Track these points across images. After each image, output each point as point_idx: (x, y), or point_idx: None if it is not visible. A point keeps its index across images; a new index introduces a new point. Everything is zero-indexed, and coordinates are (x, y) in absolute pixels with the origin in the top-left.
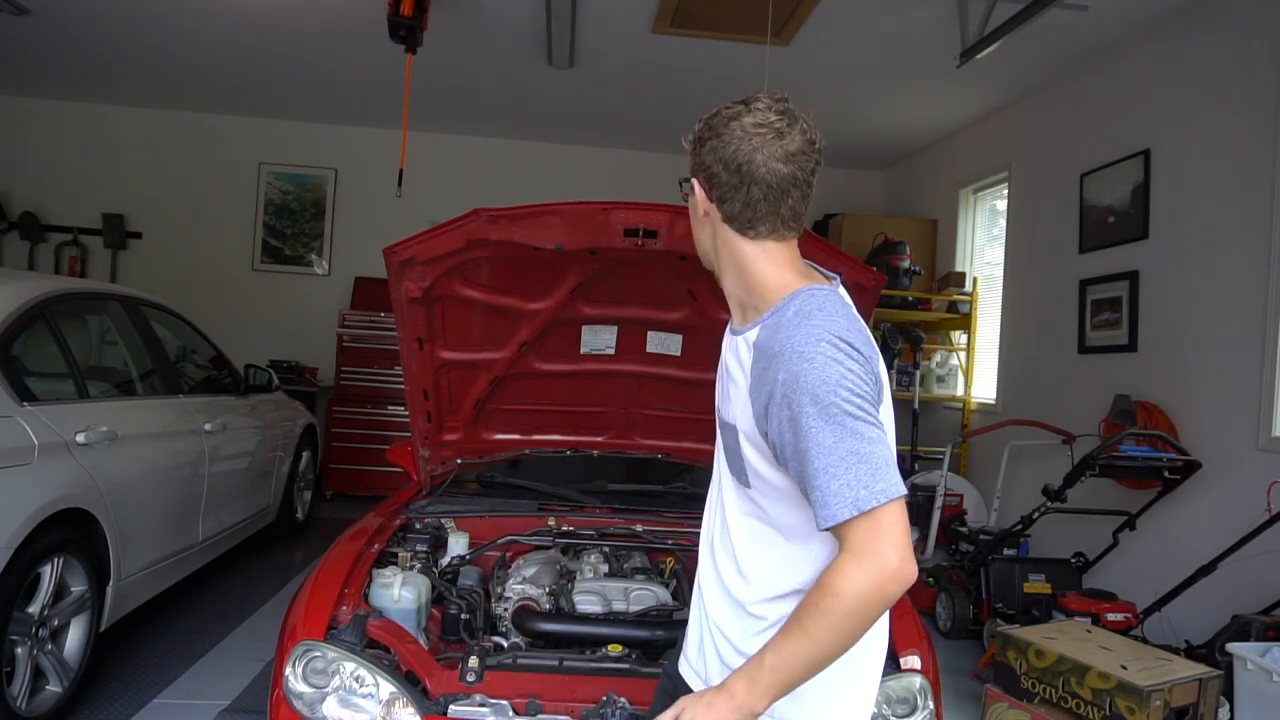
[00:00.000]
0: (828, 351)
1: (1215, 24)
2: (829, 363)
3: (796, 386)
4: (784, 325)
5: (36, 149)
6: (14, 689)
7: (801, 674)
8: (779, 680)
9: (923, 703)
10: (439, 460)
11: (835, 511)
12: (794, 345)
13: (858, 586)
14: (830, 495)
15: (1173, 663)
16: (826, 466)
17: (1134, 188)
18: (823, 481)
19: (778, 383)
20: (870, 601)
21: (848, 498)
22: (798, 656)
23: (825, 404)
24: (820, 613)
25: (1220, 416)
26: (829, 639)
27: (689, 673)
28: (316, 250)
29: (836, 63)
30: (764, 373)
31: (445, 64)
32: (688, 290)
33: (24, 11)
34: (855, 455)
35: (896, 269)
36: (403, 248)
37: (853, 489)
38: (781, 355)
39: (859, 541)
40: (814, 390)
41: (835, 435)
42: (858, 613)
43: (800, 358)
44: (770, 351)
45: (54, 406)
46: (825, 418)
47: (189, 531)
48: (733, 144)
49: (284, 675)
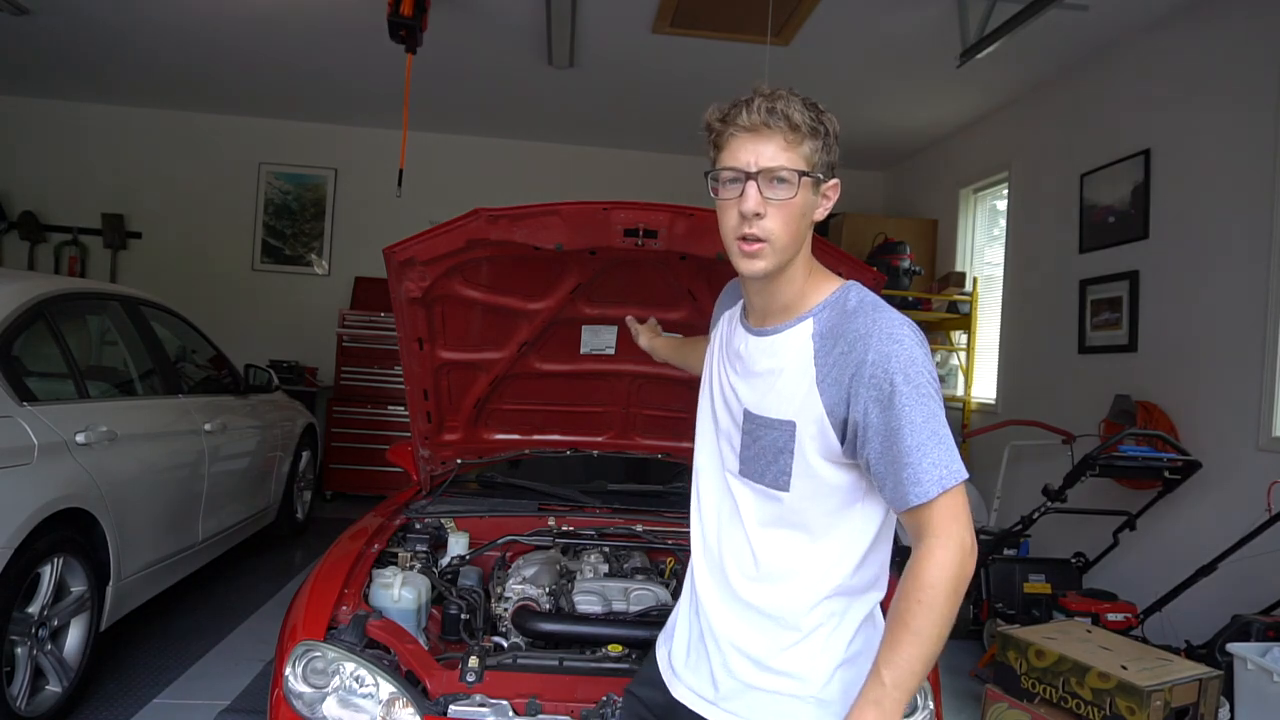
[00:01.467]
0: (911, 335)
1: (1215, 24)
2: (914, 346)
3: (889, 366)
4: (855, 313)
5: (36, 149)
6: (14, 689)
7: (921, 678)
8: (905, 691)
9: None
10: (439, 460)
11: (927, 489)
12: (880, 328)
13: (949, 570)
14: (922, 472)
15: (1173, 663)
16: (919, 444)
17: (1134, 188)
18: (915, 459)
19: (866, 363)
20: (960, 580)
21: (935, 476)
22: (917, 659)
23: (916, 383)
24: (925, 609)
25: (1220, 416)
26: (938, 630)
27: (688, 695)
28: (316, 250)
29: (836, 63)
30: (844, 356)
31: (445, 64)
32: (688, 290)
33: (24, 11)
34: (938, 436)
35: (896, 269)
36: (403, 248)
37: (938, 467)
38: (869, 337)
39: (939, 523)
40: (906, 370)
41: (924, 415)
42: (955, 595)
43: (890, 339)
44: (851, 334)
45: (54, 406)
46: (916, 397)
47: (189, 531)
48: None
49: (284, 675)
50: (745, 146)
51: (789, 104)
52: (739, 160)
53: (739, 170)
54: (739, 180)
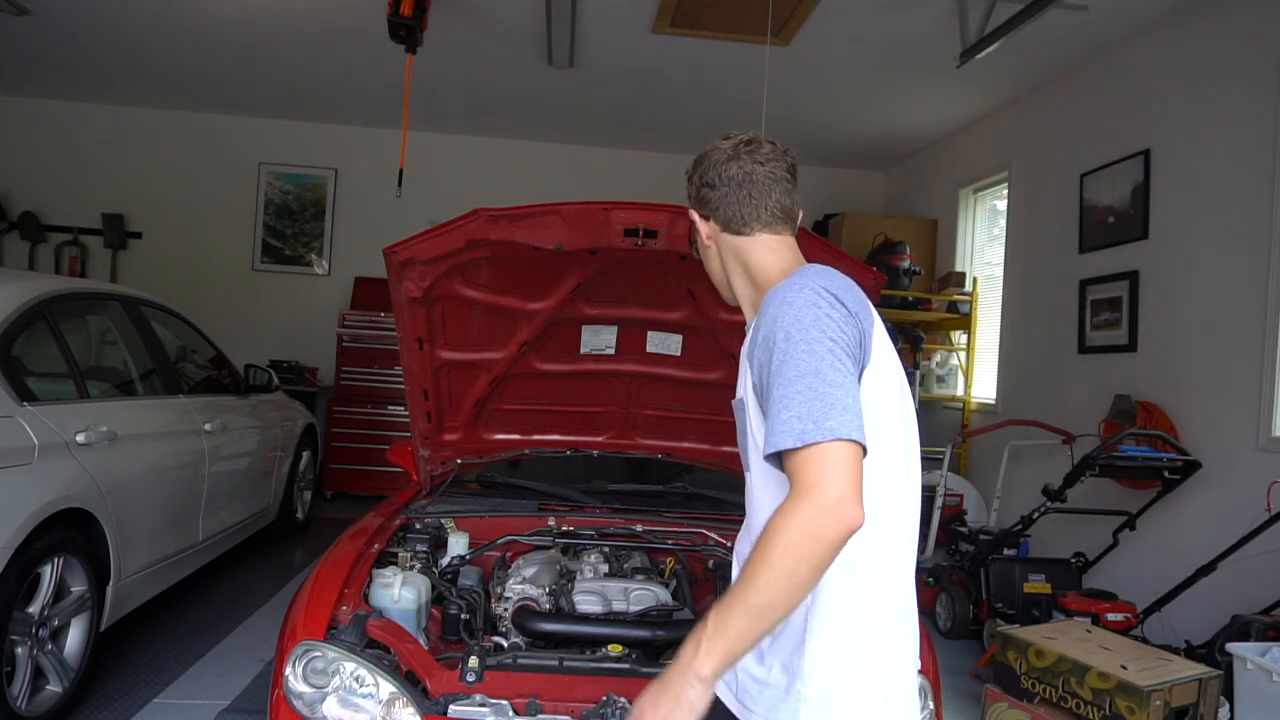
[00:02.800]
0: (808, 298)
1: (1215, 24)
2: (807, 306)
3: (775, 327)
4: (778, 286)
5: (36, 149)
6: (14, 689)
7: (747, 630)
8: (732, 636)
9: (923, 703)
10: (439, 460)
11: (779, 439)
12: (780, 294)
13: (797, 528)
14: (779, 424)
15: (1173, 663)
16: (782, 397)
17: (1134, 188)
18: (775, 410)
19: (760, 327)
20: (808, 539)
21: (795, 429)
22: (748, 608)
23: (795, 340)
24: (762, 558)
25: (1220, 416)
26: (770, 584)
27: (719, 686)
28: (316, 250)
29: (837, 63)
30: (756, 327)
31: (445, 64)
32: (688, 290)
33: (24, 11)
34: (812, 391)
35: (896, 269)
36: (403, 248)
37: (801, 421)
38: (768, 304)
39: (799, 477)
40: (788, 329)
41: (798, 369)
42: (796, 552)
43: (783, 302)
44: (762, 307)
45: (54, 406)
46: (792, 353)
47: (189, 531)
48: (714, 164)
49: (284, 675)
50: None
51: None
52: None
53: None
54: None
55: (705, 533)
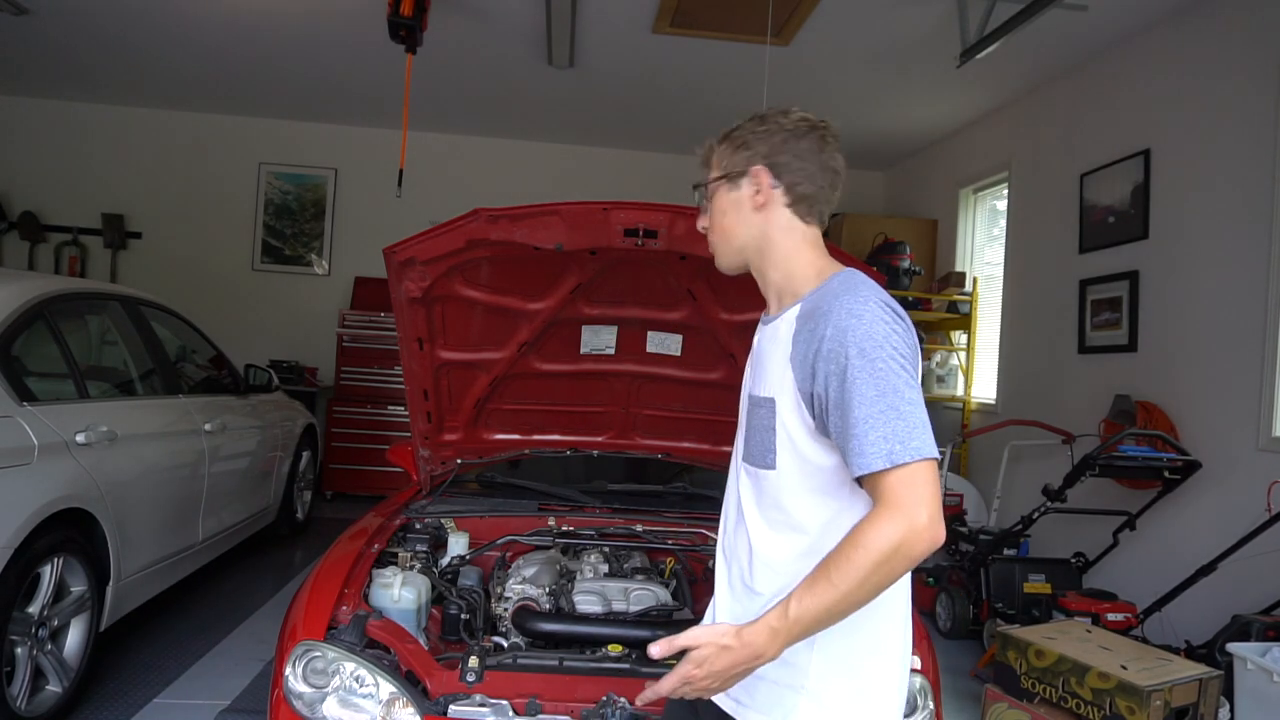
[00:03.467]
0: (875, 312)
1: (1215, 24)
2: (876, 321)
3: (845, 340)
4: (831, 292)
5: (36, 149)
6: (14, 689)
7: (822, 624)
8: (800, 630)
9: (923, 703)
10: (439, 460)
11: (870, 461)
12: (843, 304)
13: (888, 539)
14: (867, 445)
15: (1173, 663)
16: (866, 417)
17: (1134, 188)
18: (861, 431)
19: (825, 338)
20: (897, 556)
21: (883, 449)
22: (822, 607)
23: (871, 357)
24: (849, 565)
25: (1220, 416)
26: (855, 592)
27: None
28: (316, 250)
29: (836, 63)
30: (810, 333)
31: (445, 64)
32: (688, 290)
33: (23, 11)
34: (894, 410)
35: (896, 269)
36: (403, 248)
37: (889, 441)
38: (830, 314)
39: (890, 496)
40: (861, 344)
41: (878, 389)
42: (885, 567)
43: (849, 314)
44: (817, 313)
45: (54, 406)
46: (870, 371)
47: (189, 531)
48: (799, 134)
49: (284, 675)
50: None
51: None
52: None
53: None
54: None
55: (705, 533)
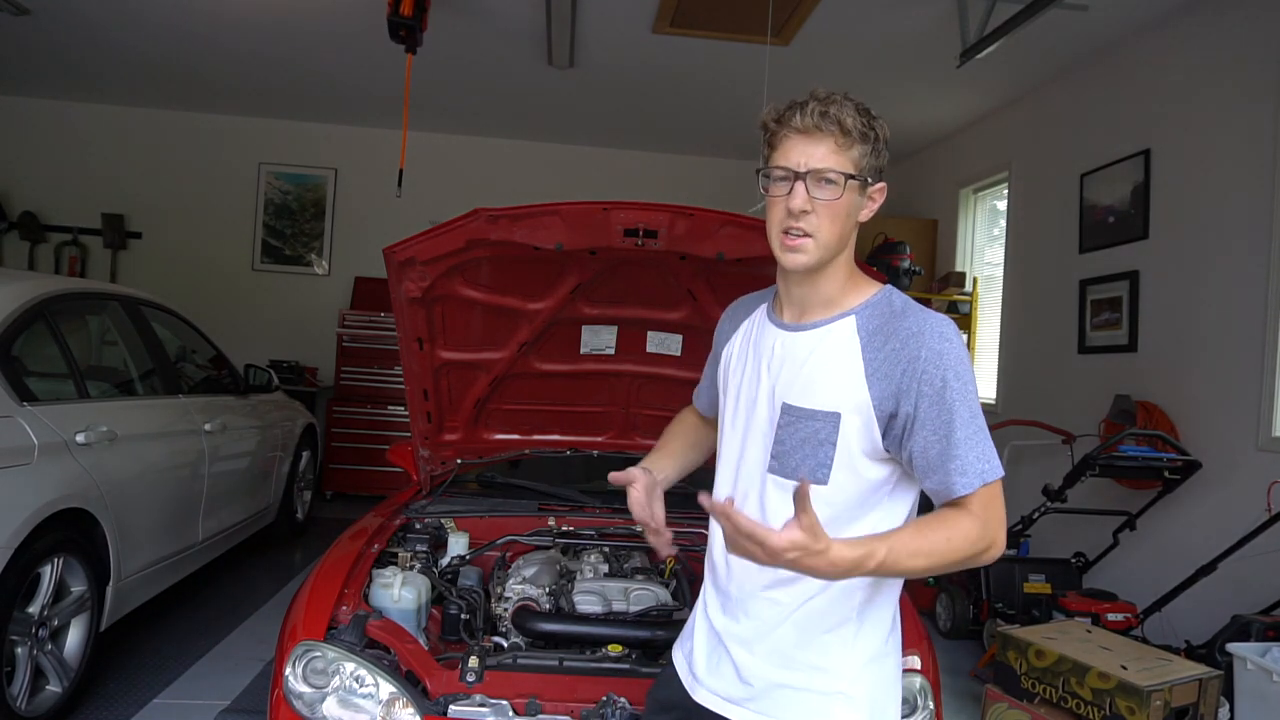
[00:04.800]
0: (959, 337)
1: (1215, 24)
2: (962, 348)
3: (943, 363)
4: (904, 313)
5: (36, 149)
6: (14, 689)
7: (899, 573)
8: (877, 571)
9: (923, 703)
10: (439, 460)
11: (972, 479)
12: (932, 328)
13: (973, 546)
14: (969, 465)
15: (1173, 663)
16: (968, 437)
17: (1134, 188)
18: (964, 450)
19: (920, 359)
20: (971, 559)
21: (978, 469)
22: (905, 564)
23: (965, 380)
24: (945, 540)
25: (1220, 416)
26: (935, 565)
27: (711, 699)
28: (316, 250)
29: (836, 63)
30: (896, 352)
31: (445, 64)
32: (688, 290)
33: (24, 11)
34: (983, 433)
35: (896, 269)
36: (403, 248)
37: (982, 460)
38: (922, 335)
39: (981, 510)
40: (957, 368)
41: (971, 411)
42: (960, 561)
43: (942, 338)
44: (901, 333)
45: (54, 406)
46: (965, 394)
47: (189, 531)
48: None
49: (284, 675)
50: (797, 147)
51: (842, 109)
52: (790, 160)
53: (789, 170)
54: (788, 179)
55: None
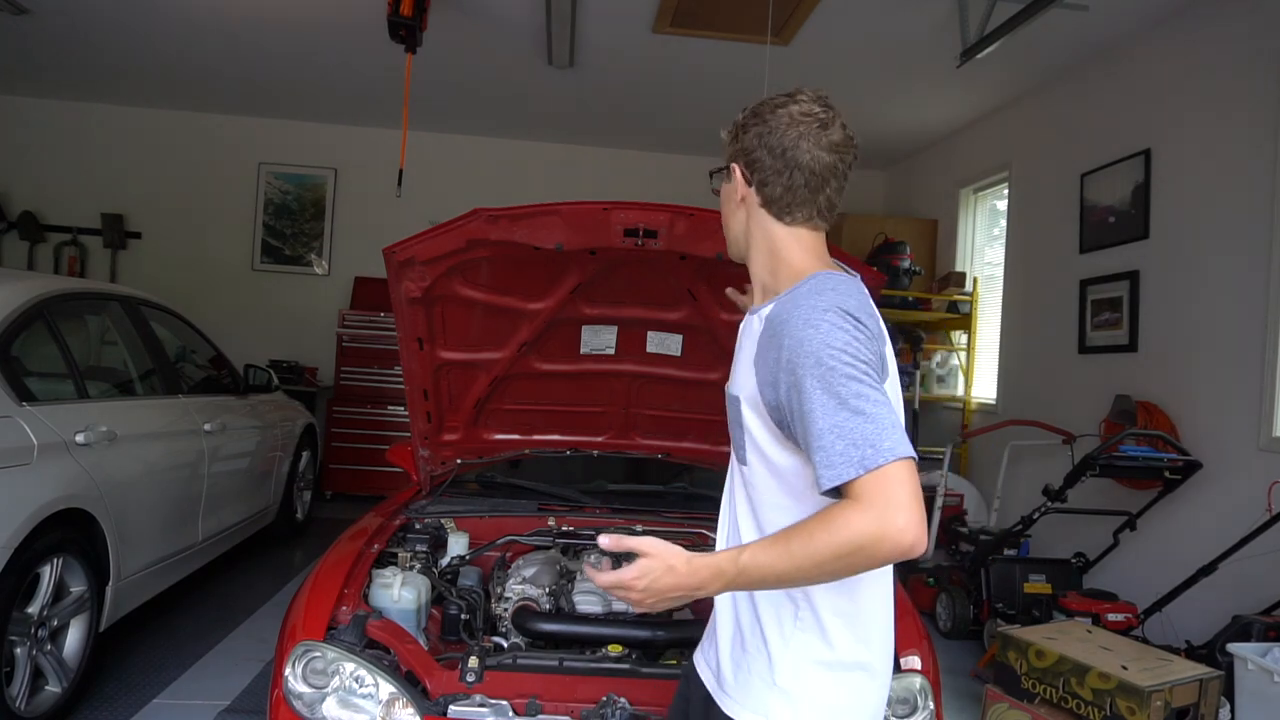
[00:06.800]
0: (833, 320)
1: (1215, 24)
2: (834, 330)
3: (801, 351)
4: (794, 299)
5: (36, 149)
6: (13, 689)
7: (767, 585)
8: (744, 581)
9: (923, 703)
10: (439, 460)
11: (840, 471)
12: (801, 314)
13: (855, 534)
14: (835, 455)
15: (1173, 663)
16: (831, 427)
17: (1134, 188)
18: (827, 442)
19: (783, 348)
20: (860, 553)
21: (853, 456)
22: (771, 570)
23: (828, 367)
24: (810, 542)
25: (1220, 416)
26: (807, 570)
27: (702, 666)
28: (316, 250)
29: (836, 63)
30: (770, 340)
31: (445, 64)
32: (688, 290)
33: (23, 11)
34: (860, 415)
35: (896, 269)
36: (403, 248)
37: (858, 448)
38: (789, 323)
39: (866, 498)
40: (818, 354)
41: (839, 397)
42: (845, 559)
43: (806, 324)
44: (778, 320)
45: (53, 406)
46: (828, 380)
47: (189, 531)
48: (779, 130)
49: (284, 675)
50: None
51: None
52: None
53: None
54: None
55: (705, 533)
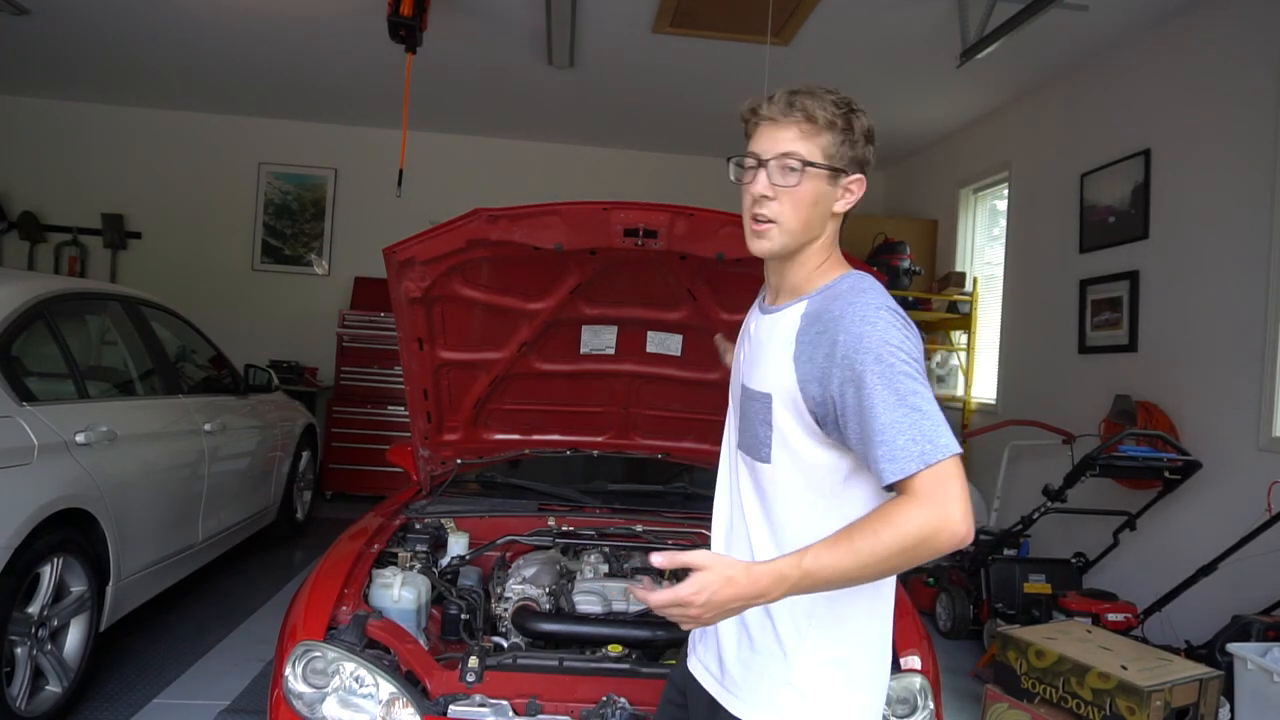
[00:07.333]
0: (887, 318)
1: (1215, 24)
2: (890, 327)
3: (860, 347)
4: (840, 296)
5: (36, 149)
6: (14, 689)
7: (830, 586)
8: (808, 584)
9: (923, 703)
10: (439, 460)
11: (903, 465)
12: (856, 310)
13: (918, 527)
14: (898, 450)
15: (1173, 663)
16: (893, 422)
17: (1134, 188)
18: (889, 436)
19: (838, 344)
20: (922, 545)
21: (914, 451)
22: (836, 570)
23: (888, 363)
24: (875, 539)
25: (1220, 416)
26: (871, 566)
27: (698, 668)
28: (316, 250)
29: (836, 63)
30: (819, 336)
31: (445, 64)
32: (688, 290)
33: (24, 11)
34: (918, 411)
35: (896, 269)
36: (403, 248)
37: (918, 443)
38: (842, 319)
39: (924, 491)
40: (877, 350)
41: (898, 393)
42: (909, 552)
43: (863, 320)
44: (827, 316)
45: (54, 406)
46: (889, 376)
47: (189, 531)
48: (871, 149)
49: (284, 675)
50: (765, 135)
51: (812, 98)
52: (758, 147)
53: (755, 156)
54: (755, 167)
55: (705, 533)
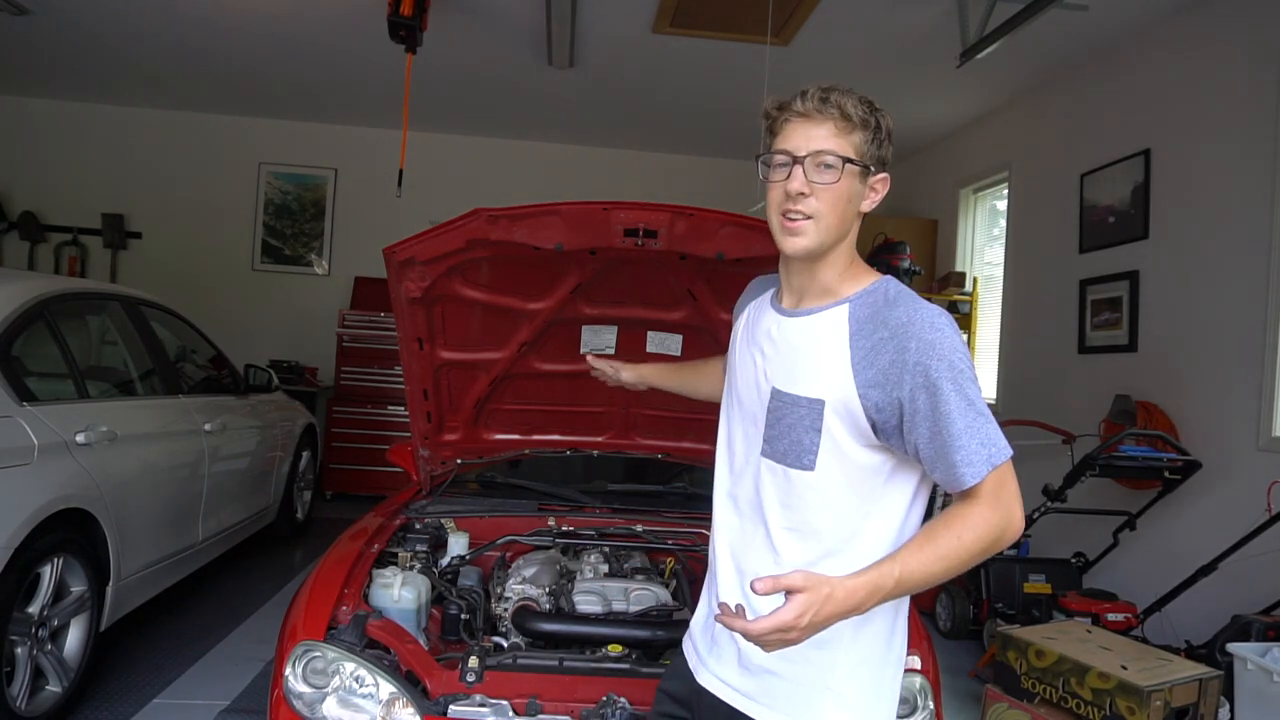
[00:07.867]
0: (950, 326)
1: (1215, 24)
2: (955, 335)
3: (933, 354)
4: (895, 302)
5: (36, 149)
6: (14, 689)
7: (914, 589)
8: (899, 591)
9: (923, 703)
10: (439, 460)
11: (979, 469)
12: (923, 317)
13: (992, 529)
14: (973, 454)
15: (1173, 663)
16: (967, 427)
17: (1134, 188)
18: (965, 441)
19: (909, 350)
20: (995, 545)
21: (983, 455)
22: (924, 574)
23: (958, 370)
24: (958, 543)
25: (1220, 416)
26: (952, 568)
27: (713, 681)
28: (316, 250)
29: (836, 63)
30: (884, 342)
31: (445, 64)
32: (688, 290)
33: (24, 11)
34: (983, 416)
35: (896, 269)
36: (403, 248)
37: (986, 448)
38: (911, 325)
39: (991, 494)
40: (949, 357)
41: (968, 399)
42: (985, 552)
43: (932, 328)
44: (893, 323)
45: (54, 406)
46: (959, 383)
47: (189, 531)
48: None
49: (284, 675)
50: (797, 131)
51: (844, 96)
52: (790, 144)
53: (789, 154)
54: (788, 164)
55: (705, 533)
